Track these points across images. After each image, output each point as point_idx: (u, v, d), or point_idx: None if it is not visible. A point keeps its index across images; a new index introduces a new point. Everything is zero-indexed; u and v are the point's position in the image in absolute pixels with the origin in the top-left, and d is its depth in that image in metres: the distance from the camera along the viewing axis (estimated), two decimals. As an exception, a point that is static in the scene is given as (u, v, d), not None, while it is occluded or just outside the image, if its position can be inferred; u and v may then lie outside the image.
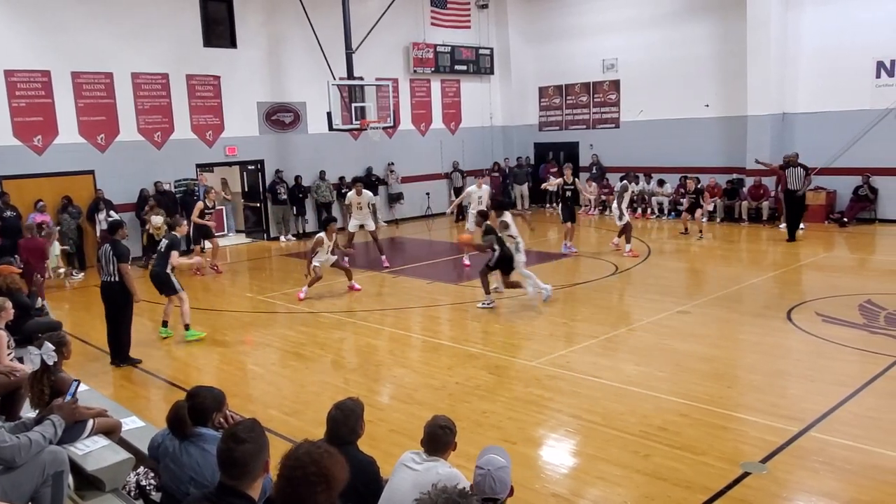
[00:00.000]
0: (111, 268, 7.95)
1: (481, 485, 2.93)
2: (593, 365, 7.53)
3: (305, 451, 2.59)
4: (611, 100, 20.40)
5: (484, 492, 2.92)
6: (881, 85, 15.54)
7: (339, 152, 18.51)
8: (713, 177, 17.72)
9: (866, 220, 16.04)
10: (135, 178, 15.06)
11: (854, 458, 5.18)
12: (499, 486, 2.93)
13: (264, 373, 7.92)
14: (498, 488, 2.93)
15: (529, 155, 22.51)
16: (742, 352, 7.96)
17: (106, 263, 7.99)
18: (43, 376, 4.49)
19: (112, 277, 7.98)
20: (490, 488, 2.92)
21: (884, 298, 9.49)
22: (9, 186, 13.55)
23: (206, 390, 3.79)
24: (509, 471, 3.02)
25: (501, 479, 2.94)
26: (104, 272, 8.06)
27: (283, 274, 13.74)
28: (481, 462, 3.00)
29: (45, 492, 3.63)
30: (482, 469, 2.96)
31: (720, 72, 17.88)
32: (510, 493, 3.02)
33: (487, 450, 3.15)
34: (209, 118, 16.43)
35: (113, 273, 7.96)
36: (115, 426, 4.68)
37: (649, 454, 5.38)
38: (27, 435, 3.66)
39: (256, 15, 16.97)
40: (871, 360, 7.23)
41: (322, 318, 9.98)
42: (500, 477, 2.94)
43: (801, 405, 6.20)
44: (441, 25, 20.76)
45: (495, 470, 2.94)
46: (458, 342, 8.58)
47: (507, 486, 2.96)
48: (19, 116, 13.80)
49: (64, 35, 14.12)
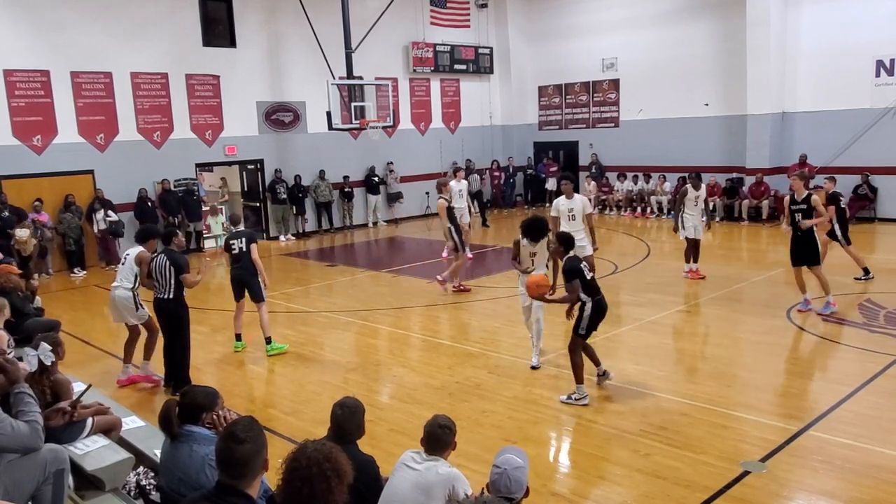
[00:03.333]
0: (166, 282, 6.97)
1: (497, 483, 2.93)
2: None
3: (315, 449, 2.60)
4: (610, 99, 20.40)
5: (499, 490, 2.93)
6: (881, 84, 15.54)
7: (339, 152, 18.51)
8: (713, 176, 17.72)
9: (866, 218, 16.04)
10: (134, 177, 15.05)
11: (854, 456, 5.18)
12: (514, 485, 2.93)
13: (264, 372, 7.92)
14: (514, 488, 2.93)
15: (529, 154, 22.56)
16: (742, 351, 7.95)
17: (161, 277, 6.99)
18: (42, 377, 4.49)
19: (167, 294, 6.99)
20: (506, 487, 2.92)
21: (883, 297, 9.50)
22: (8, 186, 13.54)
23: (198, 388, 3.77)
24: (526, 471, 3.03)
25: (518, 478, 2.94)
26: (158, 287, 7.05)
27: (282, 274, 13.73)
28: (498, 461, 3.00)
29: (46, 490, 3.63)
30: (499, 468, 2.96)
31: (720, 71, 17.87)
32: (525, 494, 3.02)
33: (505, 450, 3.14)
34: (209, 118, 16.42)
35: (168, 289, 6.98)
36: (114, 423, 4.68)
37: (649, 453, 5.38)
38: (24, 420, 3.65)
39: (256, 14, 16.96)
40: (871, 358, 7.23)
41: (321, 318, 9.98)
42: (517, 477, 2.94)
43: (801, 404, 6.20)
44: (440, 25, 20.76)
45: (512, 469, 2.94)
46: (458, 341, 8.58)
47: (522, 486, 2.97)
48: (18, 116, 13.79)
49: (63, 35, 14.11)
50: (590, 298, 6.31)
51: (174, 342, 7.21)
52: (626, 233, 16.31)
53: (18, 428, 3.53)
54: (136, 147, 15.32)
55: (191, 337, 7.36)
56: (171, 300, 7.02)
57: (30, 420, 3.60)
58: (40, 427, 3.63)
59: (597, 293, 6.37)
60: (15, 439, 3.50)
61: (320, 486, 2.51)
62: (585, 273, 6.32)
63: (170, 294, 7.00)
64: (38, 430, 3.60)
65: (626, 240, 15.38)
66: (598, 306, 6.33)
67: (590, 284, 6.35)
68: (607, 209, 19.37)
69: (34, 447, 3.58)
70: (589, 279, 6.35)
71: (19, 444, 3.53)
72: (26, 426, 3.56)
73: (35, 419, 3.62)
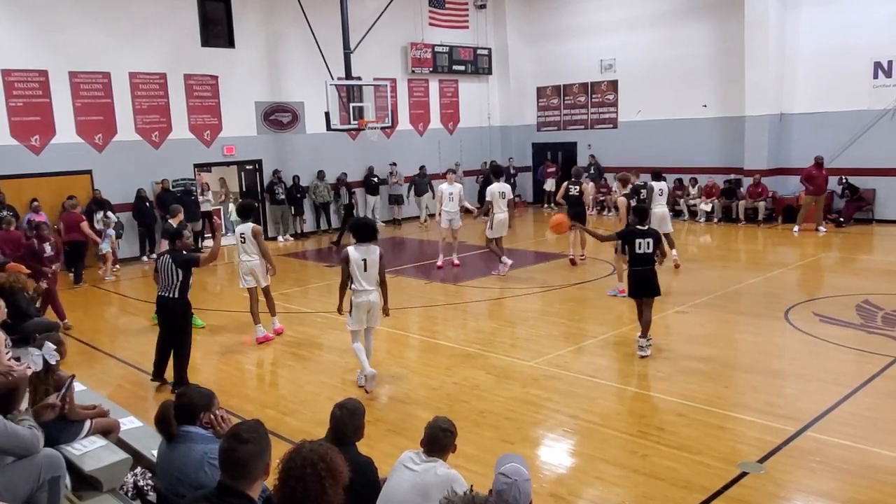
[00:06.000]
0: (170, 281, 6.98)
1: (505, 494, 2.86)
2: (591, 365, 7.54)
3: (310, 450, 2.62)
4: (609, 100, 20.41)
5: (507, 501, 2.88)
6: (879, 86, 15.56)
7: (338, 152, 18.50)
8: (711, 177, 17.74)
9: (864, 220, 16.06)
10: (132, 177, 15.03)
11: (851, 457, 5.19)
12: (523, 497, 2.87)
13: (262, 373, 7.92)
14: (522, 500, 2.88)
15: (527, 154, 22.56)
16: (739, 352, 7.97)
17: (165, 276, 7.02)
18: (47, 376, 4.51)
19: (170, 293, 7.00)
20: (514, 499, 2.86)
21: (881, 298, 9.51)
22: (6, 186, 13.51)
23: (193, 389, 3.77)
24: (531, 484, 3.00)
25: (527, 491, 2.89)
26: (161, 286, 7.10)
27: (281, 274, 13.66)
28: (507, 470, 2.93)
29: (42, 497, 3.61)
30: (509, 478, 2.89)
31: (718, 72, 17.89)
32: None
33: (508, 457, 3.07)
34: (207, 118, 16.42)
35: (172, 288, 6.99)
36: (113, 426, 4.68)
37: (647, 454, 5.39)
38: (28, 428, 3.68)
39: (254, 14, 16.95)
40: (869, 359, 7.24)
41: (319, 318, 9.98)
42: (526, 489, 2.88)
43: (799, 405, 6.21)
44: (439, 25, 20.76)
45: (522, 481, 2.88)
46: (456, 342, 8.58)
47: (529, 498, 2.93)
48: (16, 116, 13.77)
49: (61, 34, 14.10)
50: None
51: (172, 341, 7.21)
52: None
53: (13, 428, 3.54)
54: (135, 147, 15.30)
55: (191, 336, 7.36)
56: (176, 299, 7.06)
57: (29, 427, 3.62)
58: (39, 432, 3.64)
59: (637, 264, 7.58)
60: (9, 439, 3.51)
61: (315, 486, 2.52)
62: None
63: (175, 293, 7.04)
64: (35, 433, 3.61)
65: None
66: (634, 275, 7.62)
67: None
68: (605, 210, 19.37)
69: (32, 449, 3.58)
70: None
71: (15, 444, 3.54)
72: (23, 428, 3.57)
73: (34, 426, 3.65)
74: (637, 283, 7.60)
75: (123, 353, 8.56)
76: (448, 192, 12.71)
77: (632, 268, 7.62)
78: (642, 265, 7.54)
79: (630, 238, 7.57)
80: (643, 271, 7.55)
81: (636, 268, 7.57)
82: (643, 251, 7.50)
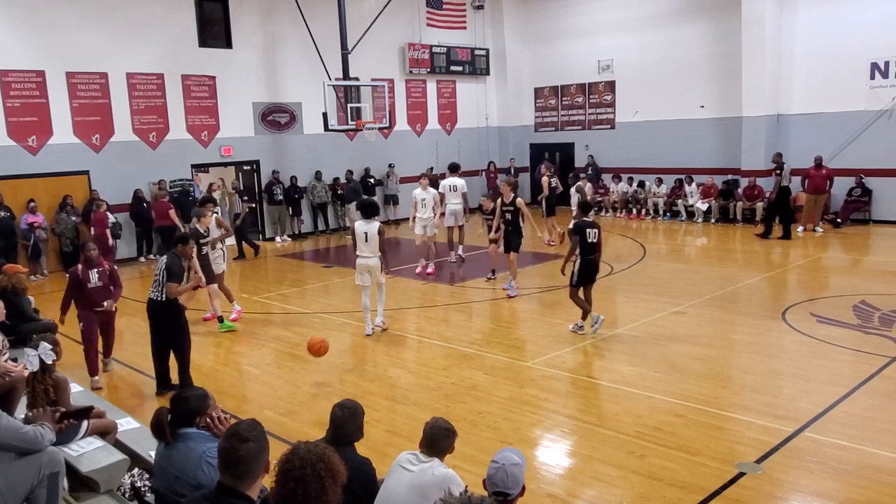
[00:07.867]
0: (161, 284, 6.87)
1: (494, 478, 2.98)
2: (589, 365, 7.56)
3: (308, 450, 2.61)
4: (606, 101, 20.43)
5: (496, 485, 2.97)
6: (875, 86, 15.59)
7: (335, 153, 18.50)
8: (709, 177, 17.76)
9: (861, 220, 16.09)
10: (130, 178, 15.02)
11: (849, 458, 5.20)
12: (510, 480, 2.96)
13: (259, 373, 7.91)
14: (510, 483, 2.97)
15: (525, 155, 22.57)
16: (737, 352, 7.98)
17: (157, 277, 6.95)
18: (44, 376, 4.50)
19: (159, 296, 6.89)
20: (502, 482, 2.96)
21: (878, 299, 9.53)
22: (3, 187, 13.50)
23: (190, 392, 3.75)
24: (523, 469, 3.06)
25: (514, 474, 2.97)
26: (152, 287, 7.00)
27: (278, 275, 13.73)
28: (497, 457, 3.06)
29: (41, 493, 3.63)
30: (497, 463, 3.01)
31: (715, 73, 17.92)
32: (521, 493, 3.05)
33: (504, 449, 3.19)
34: (204, 118, 16.40)
35: (161, 290, 6.87)
36: (110, 427, 4.67)
37: (645, 454, 5.39)
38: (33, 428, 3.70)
39: (252, 15, 16.94)
40: (866, 360, 7.26)
41: (317, 319, 9.97)
42: (513, 472, 2.97)
43: (796, 405, 6.22)
44: (437, 26, 20.76)
45: (509, 465, 2.98)
46: (454, 343, 8.57)
47: (518, 483, 3.00)
48: (13, 116, 13.75)
49: (58, 35, 14.08)
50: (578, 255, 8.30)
51: (167, 345, 7.10)
52: (622, 234, 16.33)
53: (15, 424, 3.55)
54: (132, 148, 15.28)
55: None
56: (164, 302, 6.91)
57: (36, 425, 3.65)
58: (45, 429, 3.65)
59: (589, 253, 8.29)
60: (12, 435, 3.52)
61: (314, 486, 2.52)
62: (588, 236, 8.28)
63: (163, 296, 6.90)
64: (38, 430, 3.63)
65: (621, 241, 15.40)
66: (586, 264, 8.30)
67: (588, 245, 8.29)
68: (603, 211, 19.39)
69: (36, 445, 3.59)
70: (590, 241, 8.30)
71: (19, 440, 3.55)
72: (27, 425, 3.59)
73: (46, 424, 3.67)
74: (589, 270, 8.37)
75: (120, 354, 8.53)
76: (421, 198, 12.35)
77: (584, 257, 8.28)
78: (593, 254, 8.34)
79: (582, 229, 8.28)
80: (594, 259, 8.38)
81: (589, 256, 8.30)
82: (591, 240, 8.28)
